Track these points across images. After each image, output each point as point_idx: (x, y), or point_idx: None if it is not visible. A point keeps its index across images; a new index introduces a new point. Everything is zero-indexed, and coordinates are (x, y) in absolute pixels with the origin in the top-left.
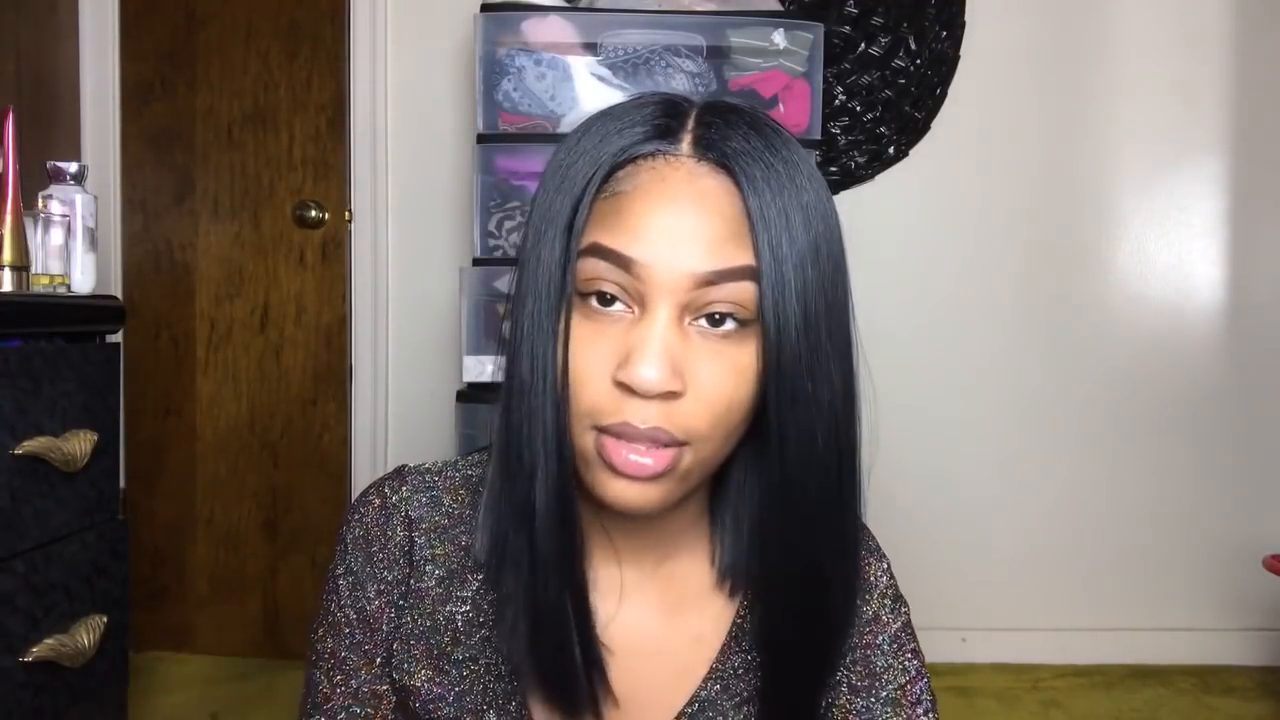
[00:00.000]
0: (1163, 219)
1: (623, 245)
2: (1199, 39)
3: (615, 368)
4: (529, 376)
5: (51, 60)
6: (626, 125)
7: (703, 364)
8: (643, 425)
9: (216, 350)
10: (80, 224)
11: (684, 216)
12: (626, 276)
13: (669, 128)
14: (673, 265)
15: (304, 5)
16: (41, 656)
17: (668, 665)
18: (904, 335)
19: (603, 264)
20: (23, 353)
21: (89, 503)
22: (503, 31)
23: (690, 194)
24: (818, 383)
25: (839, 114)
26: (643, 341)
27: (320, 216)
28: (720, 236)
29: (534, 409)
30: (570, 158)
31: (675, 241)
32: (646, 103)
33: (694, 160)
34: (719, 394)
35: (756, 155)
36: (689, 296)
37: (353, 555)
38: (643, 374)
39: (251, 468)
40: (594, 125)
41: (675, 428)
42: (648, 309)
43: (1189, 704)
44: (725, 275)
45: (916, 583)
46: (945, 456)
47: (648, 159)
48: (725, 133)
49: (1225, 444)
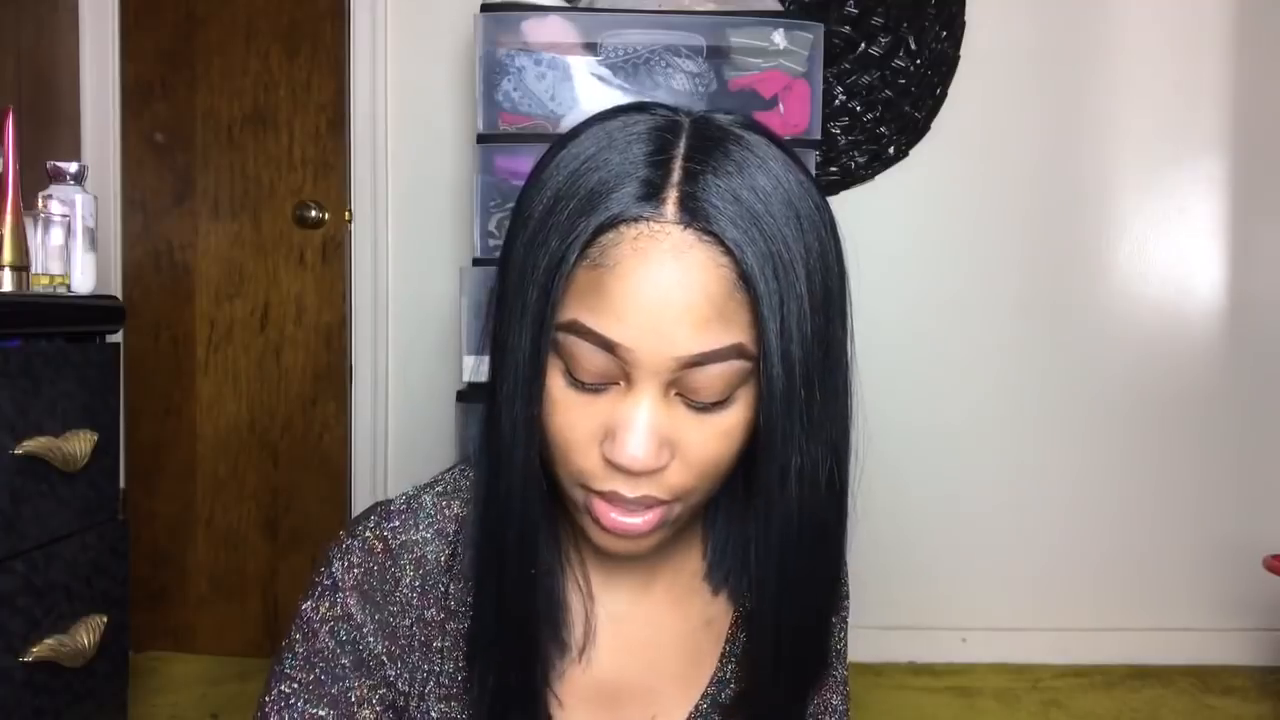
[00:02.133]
0: (1163, 219)
1: (604, 328)
2: (1199, 39)
3: (602, 437)
4: (507, 436)
5: (51, 60)
6: (610, 178)
7: (690, 432)
8: (632, 495)
9: (216, 350)
10: (80, 224)
11: (669, 296)
12: (609, 356)
13: (652, 185)
14: (658, 350)
15: (304, 5)
16: (41, 656)
17: (685, 652)
18: (904, 335)
19: (584, 343)
20: (23, 353)
21: (89, 503)
22: (503, 31)
23: (675, 271)
24: (815, 431)
25: (839, 114)
26: (629, 421)
27: (320, 216)
28: (706, 316)
29: (509, 471)
30: (548, 200)
31: (659, 324)
32: (631, 140)
33: (680, 228)
34: (706, 457)
35: (748, 212)
36: (674, 375)
37: (351, 600)
38: (631, 455)
39: (251, 468)
40: (575, 164)
41: (664, 491)
42: (633, 386)
43: (1189, 704)
44: (712, 357)
45: (917, 583)
46: (945, 456)
47: (631, 225)
48: (713, 186)
49: (1225, 444)
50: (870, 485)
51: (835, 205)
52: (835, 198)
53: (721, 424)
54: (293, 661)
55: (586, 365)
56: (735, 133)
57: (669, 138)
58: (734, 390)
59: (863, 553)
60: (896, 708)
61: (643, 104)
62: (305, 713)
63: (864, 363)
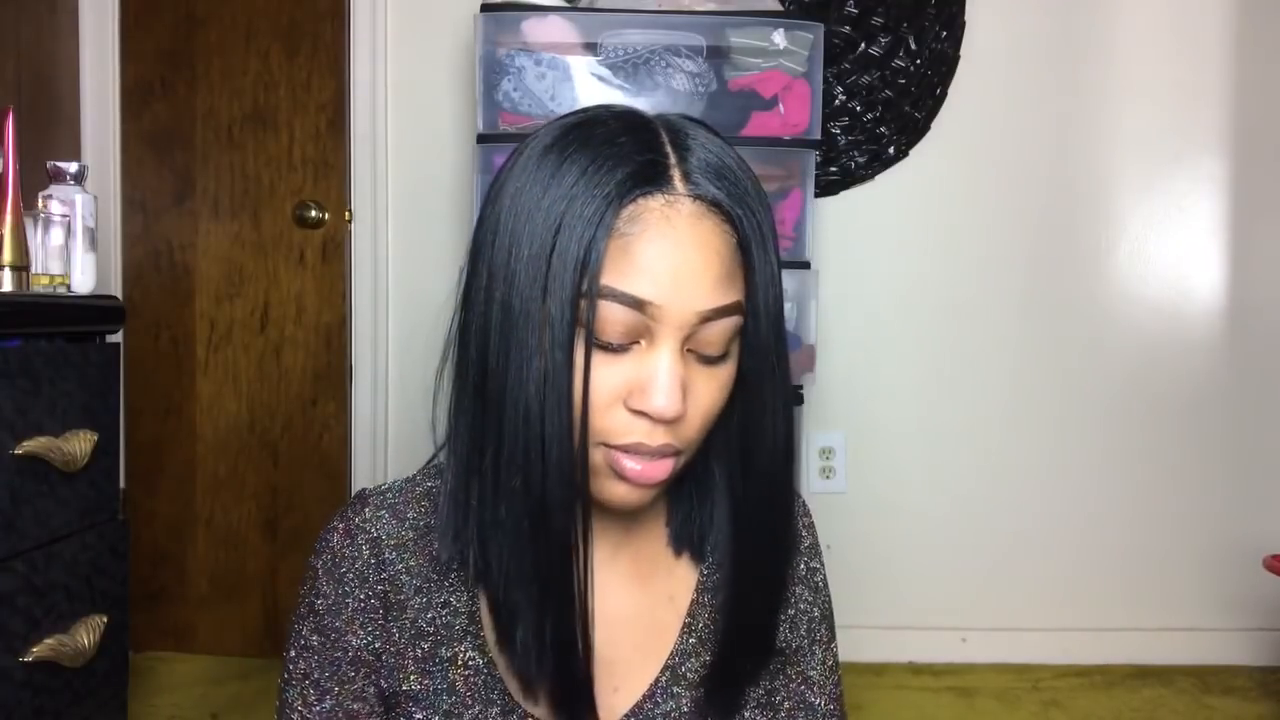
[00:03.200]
0: (1163, 219)
1: (636, 288)
2: (1199, 39)
3: (627, 394)
4: (536, 407)
5: (51, 60)
6: (615, 161)
7: (699, 385)
8: (655, 444)
9: (216, 350)
10: (80, 224)
11: (690, 258)
12: (638, 315)
13: (656, 165)
14: (683, 305)
15: (304, 5)
16: (41, 656)
17: (647, 625)
18: (903, 335)
19: (614, 305)
20: (23, 353)
21: (89, 503)
22: (503, 31)
23: (693, 235)
24: (777, 382)
25: (839, 114)
26: (656, 374)
27: (320, 216)
28: (719, 276)
29: (548, 439)
30: (547, 195)
31: (682, 282)
32: (615, 132)
33: (691, 200)
34: (710, 408)
35: (736, 187)
36: (691, 330)
37: (324, 581)
38: (661, 406)
39: (251, 468)
40: (567, 160)
41: (679, 441)
42: (656, 342)
43: (1189, 704)
44: (722, 311)
45: (917, 583)
46: (945, 456)
47: (647, 197)
48: (704, 166)
49: (1225, 444)
50: (870, 485)
51: (835, 205)
52: (835, 198)
53: (721, 376)
54: (293, 649)
55: (615, 326)
56: (693, 125)
57: (650, 128)
58: (730, 345)
59: (863, 553)
60: (896, 708)
61: (597, 107)
62: (311, 692)
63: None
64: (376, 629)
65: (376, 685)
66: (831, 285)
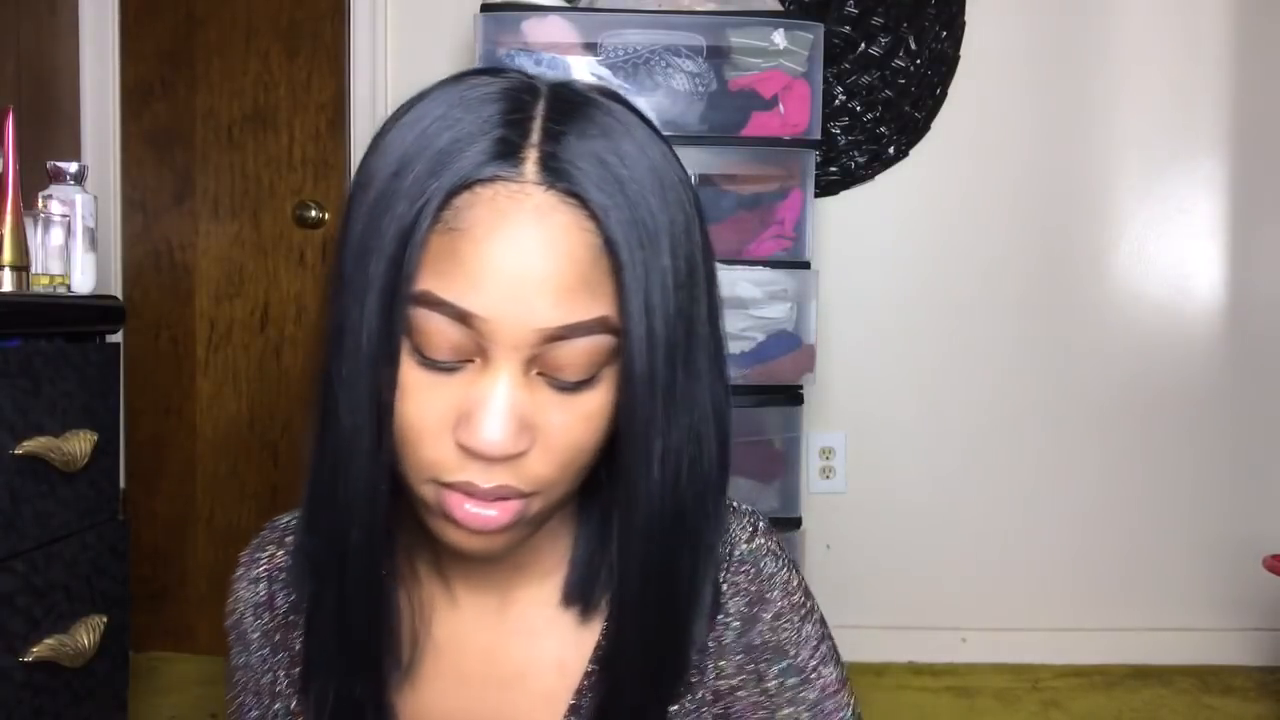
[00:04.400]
0: (1163, 219)
1: (458, 296)
2: (1199, 39)
3: (455, 423)
4: (348, 427)
5: (51, 60)
6: (463, 137)
7: (551, 414)
8: (487, 485)
9: (216, 350)
10: (80, 224)
11: (530, 262)
12: (464, 329)
13: (510, 144)
14: (518, 319)
15: (304, 5)
16: (41, 656)
17: (532, 691)
18: (903, 335)
19: (436, 315)
20: (23, 353)
21: (89, 503)
22: (503, 31)
23: (537, 234)
24: (677, 414)
25: (839, 114)
26: (485, 401)
27: (320, 216)
28: (570, 285)
29: (351, 467)
30: (392, 164)
31: (520, 292)
32: (485, 99)
33: (541, 189)
34: (568, 443)
35: (612, 177)
36: (535, 351)
37: (230, 615)
38: (487, 439)
39: (251, 467)
40: (423, 124)
41: (522, 481)
42: (490, 363)
43: (1189, 704)
44: (576, 330)
45: (916, 583)
46: (945, 456)
47: (487, 185)
48: (575, 148)
49: (1225, 444)
50: (870, 485)
51: (835, 205)
52: (835, 198)
53: (585, 406)
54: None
55: (439, 341)
56: (596, 99)
57: (526, 98)
58: (599, 369)
59: (863, 553)
60: (896, 708)
61: (493, 68)
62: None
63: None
64: (275, 666)
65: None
66: (831, 285)
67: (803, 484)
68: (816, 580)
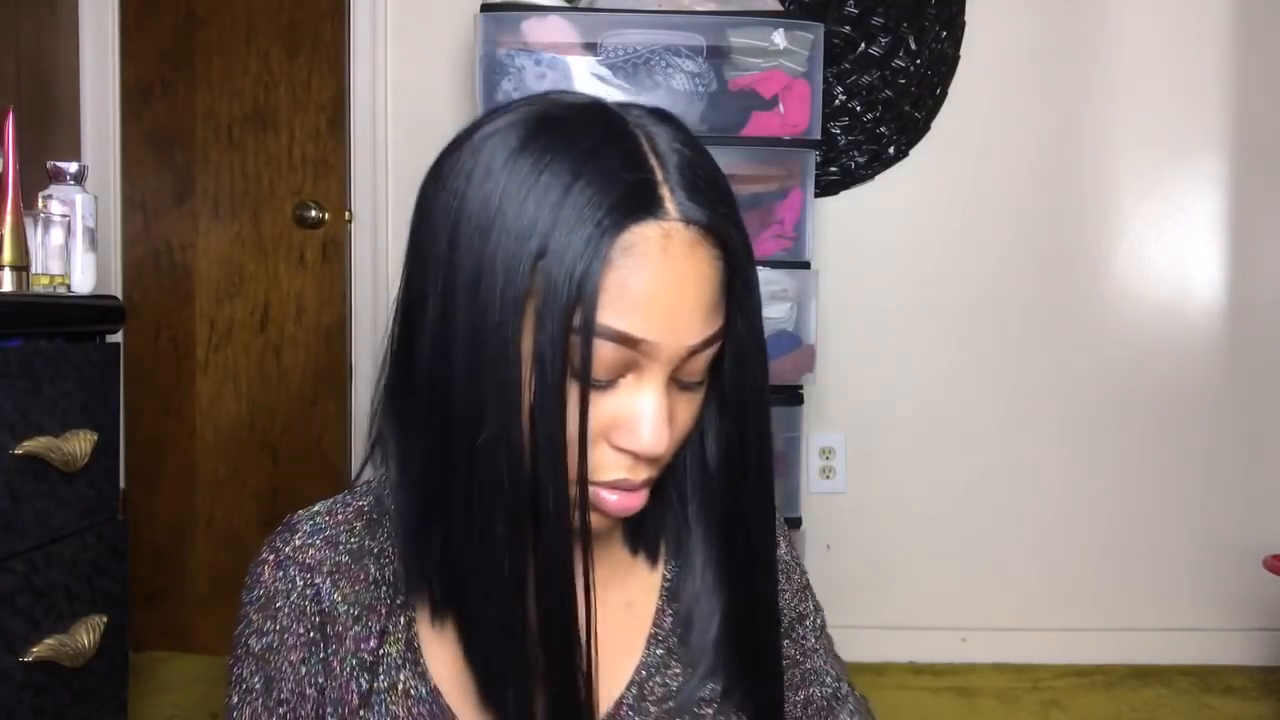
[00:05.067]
0: (1163, 219)
1: (630, 325)
2: (1199, 39)
3: (610, 429)
4: (525, 453)
5: (51, 60)
6: (603, 180)
7: (680, 410)
8: (639, 479)
9: (216, 350)
10: (80, 224)
11: (685, 291)
12: (629, 352)
13: (647, 186)
14: (675, 340)
15: (304, 5)
16: (41, 656)
17: (607, 637)
18: (903, 335)
19: (605, 344)
20: (23, 353)
21: (89, 503)
22: (503, 31)
23: (689, 267)
24: (752, 392)
25: (839, 114)
26: (645, 412)
27: (320, 216)
28: (710, 305)
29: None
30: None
31: (677, 317)
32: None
33: (683, 225)
34: (688, 430)
35: (726, 208)
36: (680, 363)
37: (258, 618)
38: (651, 445)
39: (251, 468)
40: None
41: (659, 468)
42: (644, 378)
43: (1189, 704)
44: (710, 341)
45: (917, 583)
46: (945, 456)
47: (642, 224)
48: (691, 183)
49: (1225, 444)
50: (870, 485)
51: (835, 205)
52: (835, 198)
53: (698, 398)
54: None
55: (604, 363)
56: (662, 121)
57: (629, 133)
58: (708, 367)
59: (863, 553)
60: (896, 708)
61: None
62: None
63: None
64: (317, 663)
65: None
66: (831, 285)
67: (803, 484)
68: (817, 580)
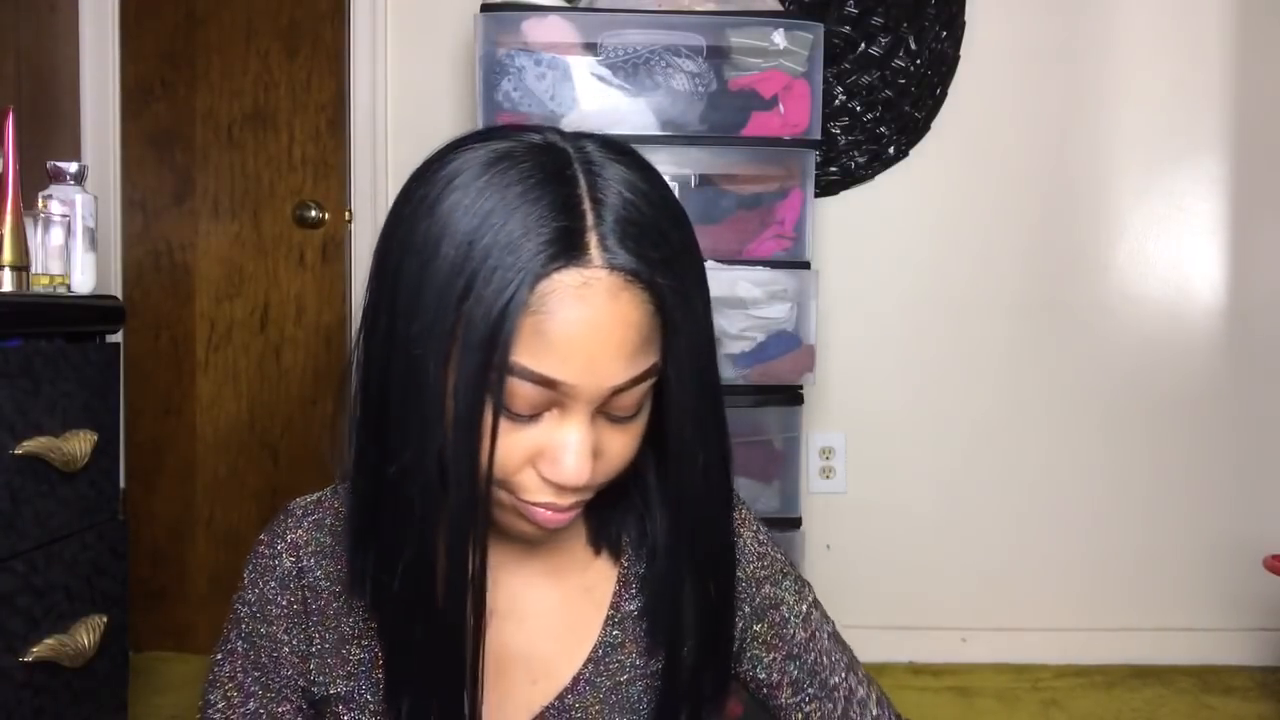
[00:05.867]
0: (1163, 219)
1: (549, 369)
2: (1199, 39)
3: (534, 457)
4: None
5: (51, 60)
6: (530, 224)
7: (611, 441)
8: (566, 503)
9: (216, 350)
10: (80, 224)
11: (606, 338)
12: (548, 392)
13: (572, 234)
14: (595, 382)
15: (304, 5)
16: (41, 656)
17: (563, 619)
18: (903, 335)
19: (525, 384)
20: (23, 353)
21: (89, 503)
22: (503, 31)
23: (610, 313)
24: (707, 436)
25: (839, 114)
26: (566, 445)
27: (320, 216)
28: (635, 348)
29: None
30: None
31: (597, 361)
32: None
33: (606, 272)
34: (622, 459)
35: (658, 254)
36: (604, 401)
37: (249, 589)
38: (571, 477)
39: (251, 468)
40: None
41: (588, 492)
42: (567, 413)
43: (1189, 704)
44: (637, 380)
45: (917, 583)
46: (945, 456)
47: (562, 272)
48: (623, 227)
49: (1225, 444)
50: (870, 485)
51: (835, 205)
52: (835, 198)
53: (634, 429)
54: (219, 653)
55: (524, 400)
56: (612, 161)
57: (567, 174)
58: (643, 401)
59: (863, 553)
60: (897, 708)
61: (506, 130)
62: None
63: (864, 362)
64: (300, 633)
65: (304, 688)
66: (831, 285)
67: (803, 484)
68: (817, 580)
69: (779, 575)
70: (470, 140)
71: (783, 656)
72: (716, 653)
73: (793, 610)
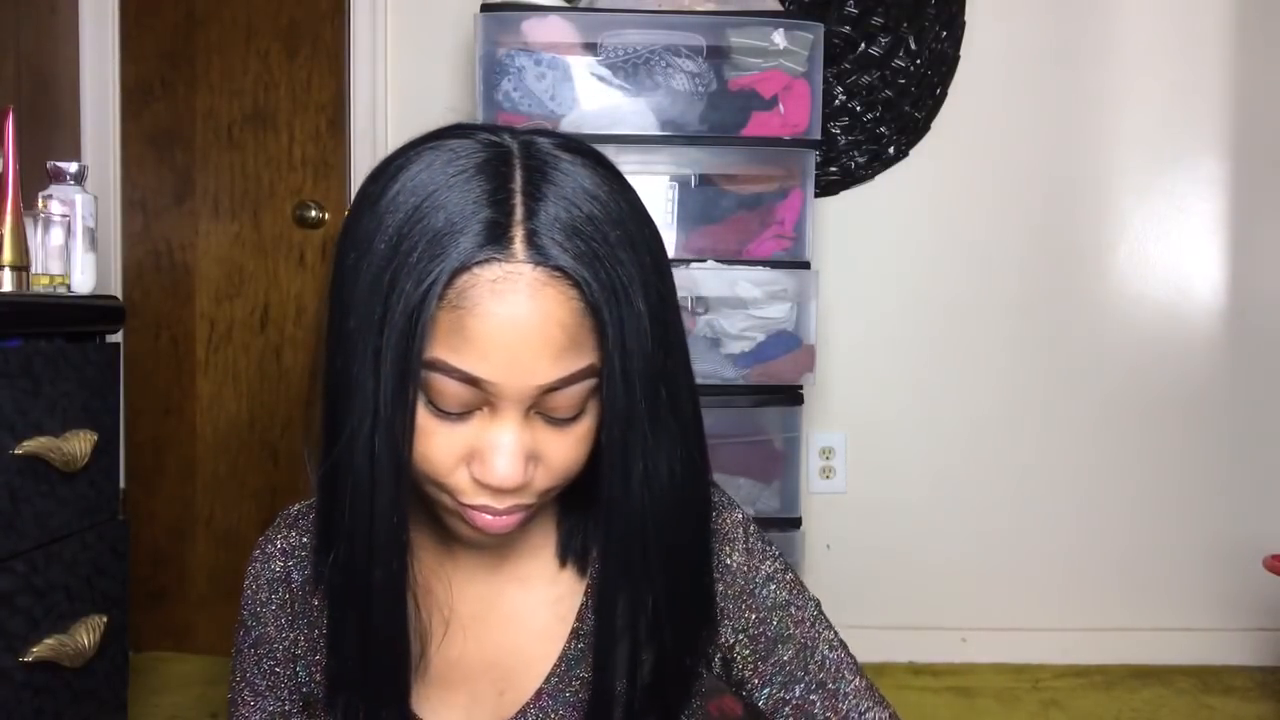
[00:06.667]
0: (1163, 219)
1: (469, 365)
2: (1199, 39)
3: (468, 458)
4: (366, 479)
5: (51, 60)
6: (456, 218)
7: (550, 444)
8: (502, 507)
9: (216, 350)
10: (80, 224)
11: (527, 333)
12: (473, 390)
13: (498, 226)
14: (520, 380)
15: (304, 5)
16: (41, 656)
17: (531, 629)
18: (903, 335)
19: (449, 380)
20: (23, 353)
21: (89, 503)
22: (503, 31)
23: (532, 309)
24: (656, 443)
25: (839, 114)
26: (496, 445)
27: (320, 216)
28: (561, 346)
29: (373, 514)
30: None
31: (520, 358)
32: (467, 175)
33: (530, 267)
34: (565, 464)
35: (588, 248)
36: (535, 400)
37: (247, 595)
38: (501, 477)
39: (251, 468)
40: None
41: (529, 498)
42: (497, 413)
43: (1189, 704)
44: (568, 380)
45: (917, 583)
46: (945, 456)
47: (484, 267)
48: (554, 223)
49: (1225, 444)
50: (870, 485)
51: (835, 205)
52: (835, 198)
53: (576, 432)
54: (234, 659)
55: (450, 398)
56: (562, 158)
57: (504, 170)
58: (586, 403)
59: (863, 553)
60: (896, 708)
61: (463, 128)
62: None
63: (864, 362)
64: (289, 635)
65: (303, 682)
66: (831, 285)
67: (803, 484)
68: (817, 580)
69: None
70: (424, 138)
71: (780, 682)
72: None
73: (788, 633)
